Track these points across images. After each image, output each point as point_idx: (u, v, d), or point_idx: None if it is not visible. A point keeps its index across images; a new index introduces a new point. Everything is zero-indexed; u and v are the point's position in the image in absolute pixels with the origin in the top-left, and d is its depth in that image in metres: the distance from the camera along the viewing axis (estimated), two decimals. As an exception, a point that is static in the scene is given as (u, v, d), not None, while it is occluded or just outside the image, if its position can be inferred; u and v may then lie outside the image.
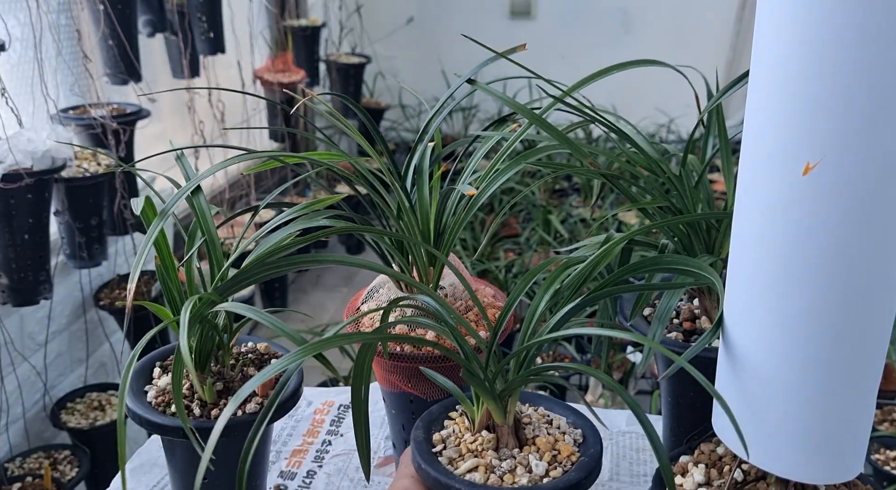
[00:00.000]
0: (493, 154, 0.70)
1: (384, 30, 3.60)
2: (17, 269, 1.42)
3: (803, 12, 0.42)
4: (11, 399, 1.63)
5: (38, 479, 1.54)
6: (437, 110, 0.71)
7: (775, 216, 0.46)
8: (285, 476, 0.87)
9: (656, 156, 0.68)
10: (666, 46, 3.44)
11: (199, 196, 0.67)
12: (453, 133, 3.58)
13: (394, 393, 0.72)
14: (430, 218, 0.69)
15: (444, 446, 0.58)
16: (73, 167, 1.56)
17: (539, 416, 0.62)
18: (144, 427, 0.63)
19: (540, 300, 0.58)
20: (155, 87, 2.17)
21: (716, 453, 0.59)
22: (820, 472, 0.50)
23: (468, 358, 0.57)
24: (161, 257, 0.65)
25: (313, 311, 2.82)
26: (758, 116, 0.46)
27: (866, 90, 0.41)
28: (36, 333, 1.71)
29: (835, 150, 0.43)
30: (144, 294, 1.86)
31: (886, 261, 0.45)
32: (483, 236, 2.22)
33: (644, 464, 0.88)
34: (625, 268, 0.56)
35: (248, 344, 0.73)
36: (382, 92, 3.58)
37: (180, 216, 0.69)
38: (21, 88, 1.61)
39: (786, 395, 0.48)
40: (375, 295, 0.74)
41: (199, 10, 2.07)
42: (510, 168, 0.65)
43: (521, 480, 0.54)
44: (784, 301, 0.47)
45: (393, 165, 0.69)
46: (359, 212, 0.73)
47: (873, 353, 0.47)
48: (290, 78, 2.51)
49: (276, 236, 0.64)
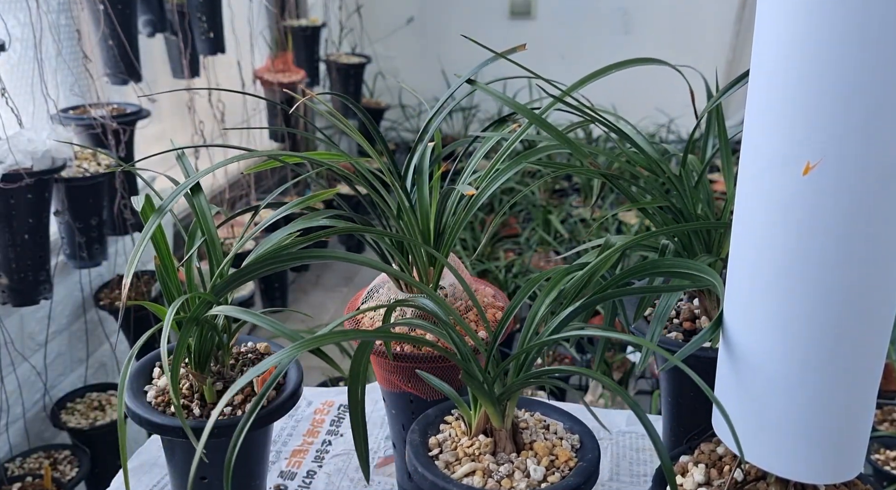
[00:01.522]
0: (493, 154, 0.70)
1: (384, 30, 3.60)
2: (17, 269, 1.42)
3: (803, 12, 0.42)
4: (11, 399, 1.63)
5: (38, 479, 1.54)
6: (437, 110, 0.71)
7: (775, 216, 0.46)
8: (285, 476, 0.87)
9: (656, 156, 0.68)
10: (666, 46, 3.44)
11: (199, 196, 0.67)
12: (453, 133, 3.58)
13: (394, 393, 0.72)
14: (430, 218, 0.69)
15: (440, 450, 0.58)
16: (73, 167, 1.56)
17: (536, 421, 0.62)
18: (144, 427, 0.63)
19: (541, 304, 0.58)
20: (155, 87, 2.17)
21: (716, 453, 0.59)
22: (820, 472, 0.50)
23: (467, 360, 0.57)
24: (161, 257, 0.65)
25: (313, 311, 2.82)
26: (758, 116, 0.46)
27: (866, 90, 0.41)
28: (36, 333, 1.71)
29: (835, 150, 0.43)
30: (144, 294, 1.86)
31: (886, 261, 0.45)
32: (483, 236, 2.22)
33: (644, 464, 0.88)
34: (625, 271, 0.56)
35: (248, 344, 0.73)
36: (382, 92, 3.58)
37: (180, 216, 0.69)
38: (21, 88, 1.61)
39: (786, 394, 0.48)
40: (375, 295, 0.74)
41: (199, 10, 2.07)
42: (510, 168, 0.65)
43: (518, 485, 0.54)
44: (784, 301, 0.47)
45: (393, 165, 0.69)
46: (359, 212, 0.73)
47: (873, 353, 0.47)
48: (290, 78, 2.51)
49: (276, 236, 0.64)
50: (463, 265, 0.73)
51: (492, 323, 0.71)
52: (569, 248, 2.30)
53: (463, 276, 0.65)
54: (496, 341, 0.59)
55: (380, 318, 0.71)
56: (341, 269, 3.22)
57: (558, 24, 3.56)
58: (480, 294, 0.76)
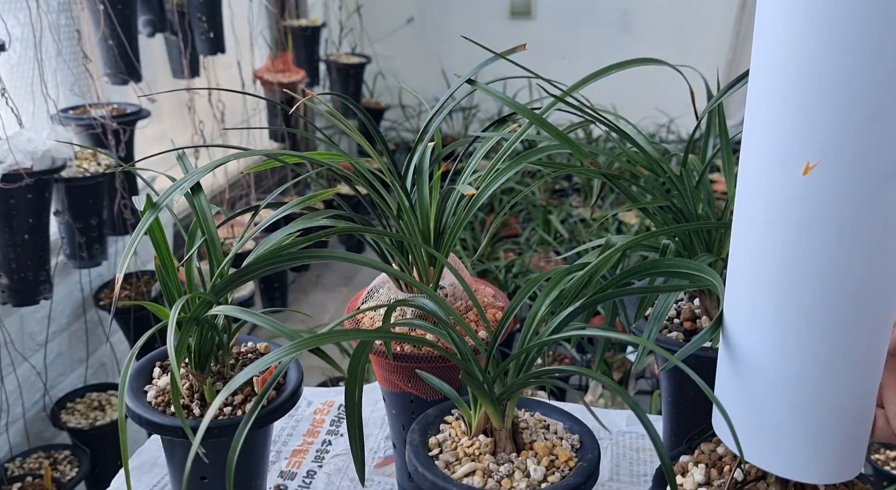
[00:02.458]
0: (494, 154, 0.70)
1: (384, 30, 3.60)
2: (17, 269, 1.43)
3: (803, 13, 0.42)
4: (11, 399, 1.63)
5: (38, 479, 1.54)
6: (437, 110, 0.71)
7: (775, 216, 0.46)
8: (285, 476, 0.87)
9: (657, 155, 0.68)
10: (666, 46, 3.44)
11: (199, 195, 0.67)
12: (453, 133, 3.58)
13: (394, 393, 0.72)
14: (430, 218, 0.69)
15: (440, 450, 0.58)
16: (73, 167, 1.56)
17: (536, 421, 0.62)
18: (144, 427, 0.63)
19: (541, 304, 0.58)
20: (155, 87, 2.17)
21: (716, 453, 0.59)
22: (820, 471, 0.50)
23: (467, 360, 0.57)
24: (161, 257, 0.65)
25: (313, 312, 2.82)
26: (758, 116, 0.46)
27: (866, 90, 0.41)
28: (36, 333, 1.71)
29: (835, 150, 0.43)
30: (144, 294, 1.86)
31: (886, 260, 0.45)
32: (483, 236, 2.22)
33: (644, 463, 0.88)
34: (625, 271, 0.56)
35: (248, 344, 0.73)
36: (382, 92, 3.58)
37: (180, 216, 0.69)
38: (21, 88, 1.61)
39: (786, 394, 0.48)
40: (375, 295, 0.74)
41: (199, 10, 2.07)
42: (510, 168, 0.65)
43: (519, 485, 0.54)
44: (784, 301, 0.47)
45: (393, 165, 0.69)
46: (359, 212, 0.73)
47: (873, 353, 0.47)
48: (290, 78, 2.51)
49: (276, 236, 0.64)
50: (463, 265, 0.73)
51: (492, 323, 0.71)
52: (569, 248, 2.30)
53: (463, 276, 0.65)
54: (496, 341, 0.59)
55: (380, 317, 0.71)
56: (341, 269, 3.22)
57: (558, 24, 3.56)
58: (480, 294, 0.76)
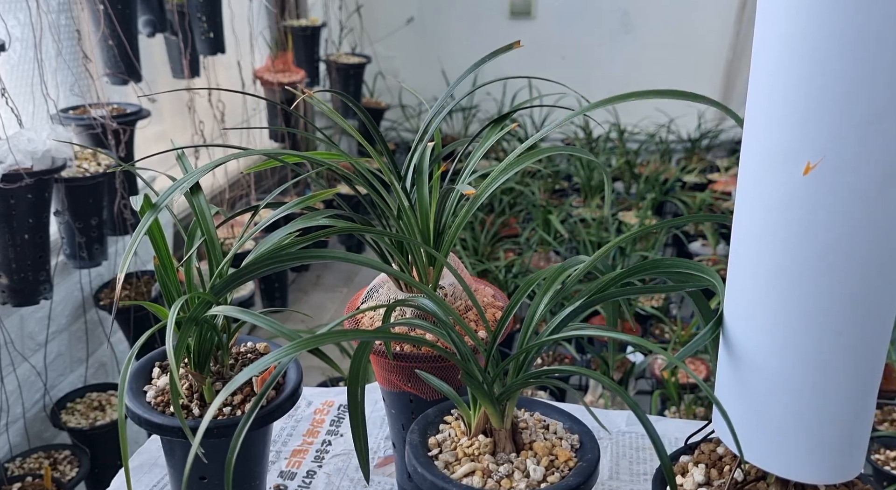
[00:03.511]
0: (493, 154, 0.70)
1: (384, 30, 3.60)
2: (17, 269, 1.42)
3: (803, 13, 0.42)
4: (11, 399, 1.63)
5: (38, 479, 1.54)
6: (437, 110, 0.71)
7: (775, 215, 0.46)
8: (285, 476, 0.87)
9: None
10: (666, 46, 3.44)
11: (198, 195, 0.67)
12: (453, 133, 3.58)
13: (394, 392, 0.72)
14: (430, 218, 0.69)
15: (439, 450, 0.58)
16: (73, 167, 1.56)
17: (535, 421, 0.62)
18: (144, 427, 0.63)
19: (539, 302, 0.58)
20: (155, 87, 2.17)
21: (716, 453, 0.59)
22: (820, 471, 0.50)
23: (466, 360, 0.57)
24: (160, 257, 0.65)
25: (313, 312, 2.82)
26: (758, 116, 0.46)
27: (866, 90, 0.41)
28: (36, 333, 1.71)
29: (835, 150, 0.43)
30: (144, 294, 1.86)
31: (886, 260, 0.45)
32: (483, 236, 2.22)
33: (644, 463, 0.88)
34: (626, 270, 0.56)
35: (248, 344, 0.73)
36: (382, 92, 3.58)
37: (180, 216, 0.69)
38: (21, 88, 1.61)
39: (786, 394, 0.48)
40: (375, 295, 0.74)
41: (199, 10, 2.07)
42: (510, 168, 0.65)
43: (518, 485, 0.54)
44: (784, 301, 0.47)
45: (393, 165, 0.69)
46: (359, 212, 0.73)
47: (873, 353, 0.47)
48: (290, 78, 2.51)
49: (276, 236, 0.64)
50: (463, 265, 0.73)
51: (491, 323, 0.71)
52: (569, 248, 2.30)
53: (462, 276, 0.65)
54: (496, 341, 0.59)
55: (379, 317, 0.71)
56: (341, 269, 3.22)
57: (558, 24, 3.56)
58: (480, 294, 0.76)
